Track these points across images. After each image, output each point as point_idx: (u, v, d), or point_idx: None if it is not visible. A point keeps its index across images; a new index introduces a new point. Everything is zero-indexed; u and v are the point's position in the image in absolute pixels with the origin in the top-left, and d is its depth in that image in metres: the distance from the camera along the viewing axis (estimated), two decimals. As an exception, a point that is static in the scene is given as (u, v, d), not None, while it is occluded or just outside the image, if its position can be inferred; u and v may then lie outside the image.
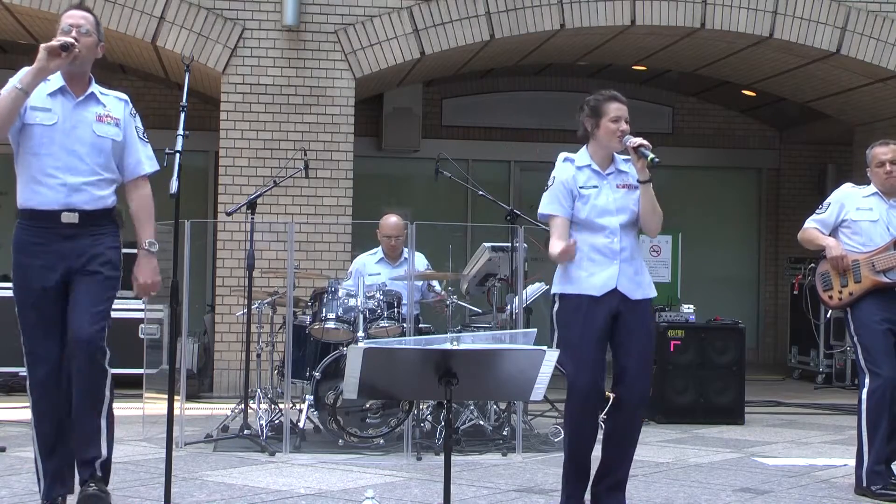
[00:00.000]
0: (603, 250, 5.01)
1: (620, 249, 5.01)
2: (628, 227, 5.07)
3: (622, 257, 5.01)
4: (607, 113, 5.03)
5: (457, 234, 12.51)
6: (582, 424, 5.01)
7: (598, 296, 4.98)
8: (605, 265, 5.00)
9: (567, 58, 12.54)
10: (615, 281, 4.98)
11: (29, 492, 5.67)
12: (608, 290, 4.98)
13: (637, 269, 5.07)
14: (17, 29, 11.03)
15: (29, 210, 4.80)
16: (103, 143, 4.87)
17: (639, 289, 5.04)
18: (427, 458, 6.95)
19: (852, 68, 11.37)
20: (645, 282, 5.09)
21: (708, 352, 8.92)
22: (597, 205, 5.02)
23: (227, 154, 10.27)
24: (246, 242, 7.98)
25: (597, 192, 5.03)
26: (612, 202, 5.04)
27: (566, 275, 5.07)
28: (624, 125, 5.02)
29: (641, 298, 5.04)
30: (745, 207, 15.34)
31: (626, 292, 5.00)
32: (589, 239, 5.03)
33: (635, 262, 5.06)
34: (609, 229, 5.01)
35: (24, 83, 4.68)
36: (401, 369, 4.03)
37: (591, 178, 5.06)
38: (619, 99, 5.09)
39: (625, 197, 5.06)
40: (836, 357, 12.02)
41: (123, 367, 10.05)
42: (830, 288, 6.22)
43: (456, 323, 7.96)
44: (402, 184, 14.42)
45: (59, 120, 4.80)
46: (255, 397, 7.72)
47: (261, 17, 10.31)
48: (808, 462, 7.14)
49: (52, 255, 4.78)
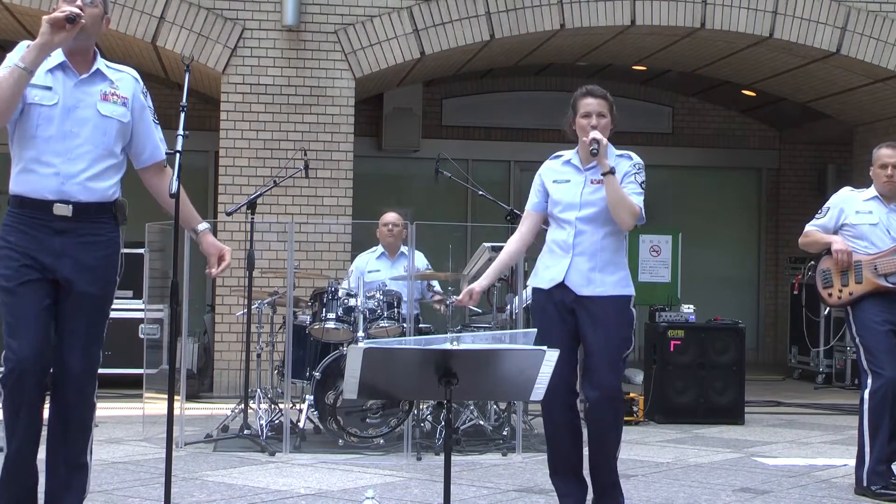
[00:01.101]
0: (560, 244, 5.04)
1: (575, 244, 4.99)
2: (595, 222, 5.00)
3: (576, 251, 4.99)
4: (579, 109, 5.06)
5: (457, 234, 12.52)
6: (548, 418, 5.06)
7: (545, 289, 5.03)
8: (559, 259, 5.03)
9: (567, 58, 12.54)
10: (563, 275, 4.97)
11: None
12: (555, 283, 5.00)
13: (596, 265, 4.98)
14: (17, 29, 11.03)
15: (19, 197, 4.29)
16: (108, 125, 4.36)
17: (589, 285, 4.95)
18: (427, 458, 6.95)
19: (852, 68, 11.37)
20: (603, 279, 4.96)
21: (708, 352, 8.92)
22: (561, 199, 5.06)
23: (227, 154, 10.27)
24: (246, 242, 7.98)
25: (566, 187, 5.06)
26: (578, 196, 5.02)
27: (535, 267, 5.18)
28: (594, 120, 5.00)
29: (592, 295, 4.94)
30: (745, 207, 15.34)
31: (574, 287, 4.96)
32: (552, 233, 5.12)
33: (596, 258, 4.98)
34: (568, 223, 5.01)
35: (26, 61, 4.15)
36: (401, 369, 4.03)
37: (566, 173, 5.11)
38: (593, 93, 5.07)
39: (596, 191, 5.00)
40: (836, 357, 12.03)
41: (123, 367, 10.20)
42: (830, 285, 6.20)
43: (456, 323, 7.97)
44: (402, 184, 14.43)
45: (59, 99, 4.29)
46: (255, 397, 7.72)
47: (261, 17, 10.31)
48: (808, 462, 7.14)
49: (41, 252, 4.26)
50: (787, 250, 14.51)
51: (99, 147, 4.33)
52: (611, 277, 5.00)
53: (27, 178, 4.29)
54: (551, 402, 4.95)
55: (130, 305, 10.08)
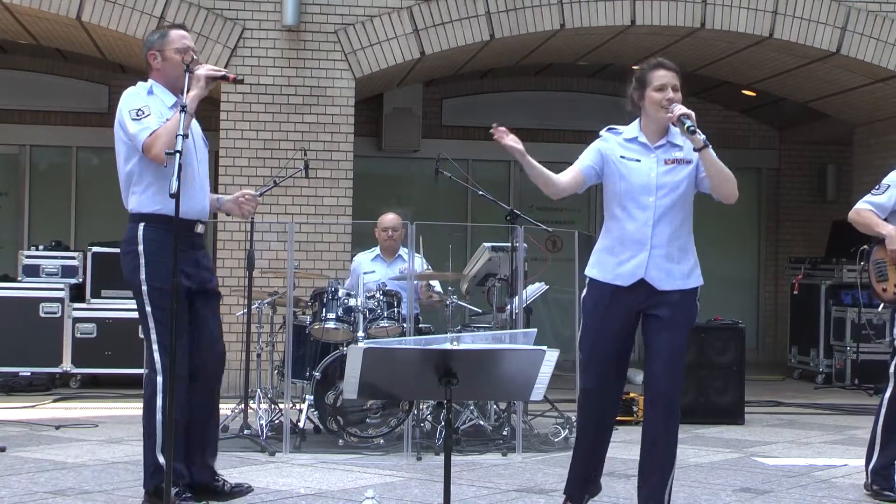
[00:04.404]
0: (635, 234, 4.68)
1: (653, 234, 4.66)
2: (674, 208, 4.69)
3: (654, 242, 4.66)
4: (651, 82, 4.72)
5: (457, 234, 12.52)
6: (584, 424, 4.93)
7: (625, 286, 4.70)
8: (637, 250, 4.67)
9: (567, 58, 12.53)
10: (643, 270, 4.66)
11: (29, 492, 5.67)
12: (636, 279, 4.68)
13: (673, 255, 4.70)
14: (17, 29, 11.03)
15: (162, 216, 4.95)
16: (207, 156, 5.27)
17: (668, 278, 4.68)
18: (427, 458, 6.95)
19: (852, 68, 11.37)
20: (681, 270, 4.72)
21: (708, 352, 8.91)
22: (634, 181, 4.68)
23: (227, 154, 10.27)
24: (246, 242, 7.98)
25: (637, 167, 4.69)
26: (654, 178, 4.68)
27: (598, 259, 4.80)
28: (671, 93, 4.68)
29: (671, 290, 4.70)
30: (745, 207, 15.32)
31: (654, 283, 4.67)
32: (620, 220, 4.72)
33: (673, 246, 4.69)
34: (644, 208, 4.66)
35: (191, 108, 4.89)
36: (401, 369, 4.03)
37: (635, 151, 4.73)
38: (666, 66, 4.77)
39: (672, 173, 4.69)
40: (836, 357, 12.02)
41: (123, 367, 10.20)
42: (885, 279, 5.81)
43: (456, 323, 7.96)
44: (402, 184, 14.42)
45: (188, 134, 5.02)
46: (255, 397, 7.72)
47: (261, 17, 10.31)
48: (808, 462, 7.14)
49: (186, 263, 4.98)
50: (787, 250, 14.51)
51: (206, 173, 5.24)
52: (685, 267, 4.75)
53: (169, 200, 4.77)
54: (586, 407, 4.82)
55: (130, 305, 10.04)
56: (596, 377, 4.83)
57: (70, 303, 10.24)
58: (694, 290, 4.80)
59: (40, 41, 11.72)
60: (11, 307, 10.27)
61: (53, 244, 10.85)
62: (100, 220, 13.29)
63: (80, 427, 7.98)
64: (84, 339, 10.16)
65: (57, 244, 10.90)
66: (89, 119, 13.45)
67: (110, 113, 13.42)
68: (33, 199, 13.56)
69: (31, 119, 13.41)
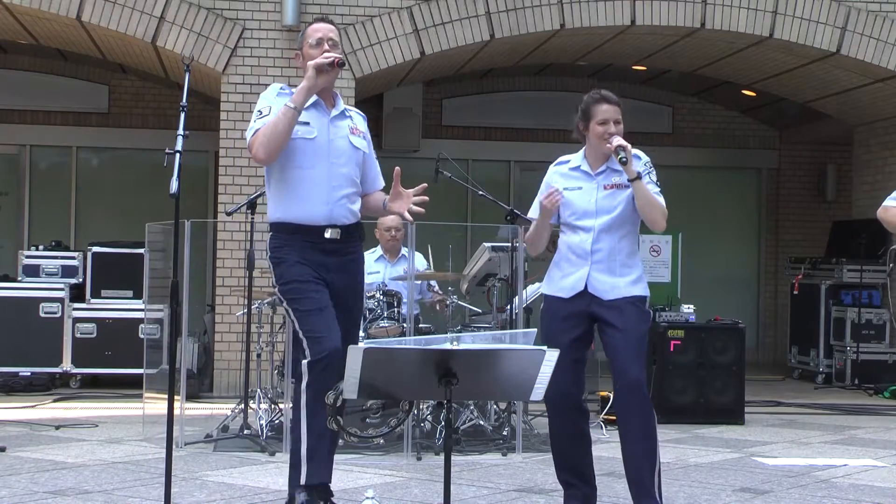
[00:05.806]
0: (577, 251, 5.04)
1: (593, 251, 5.01)
2: (612, 228, 5.02)
3: (594, 258, 5.01)
4: (595, 115, 5.05)
5: (457, 234, 12.52)
6: (553, 430, 5.11)
7: (566, 297, 5.03)
8: (578, 266, 5.03)
9: (567, 58, 12.53)
10: (584, 283, 5.00)
11: (28, 492, 5.67)
12: (576, 292, 5.01)
13: (615, 269, 5.01)
14: (17, 29, 11.03)
15: (293, 224, 4.87)
16: (357, 156, 5.02)
17: (612, 290, 4.99)
18: (427, 458, 6.95)
19: (852, 68, 11.37)
20: (623, 282, 5.00)
21: (708, 352, 8.91)
22: (576, 208, 5.05)
23: (227, 154, 10.27)
24: (246, 242, 7.98)
25: (579, 194, 5.06)
26: (594, 203, 5.03)
27: (548, 274, 5.17)
28: (612, 127, 5.01)
29: (616, 298, 4.98)
30: (745, 207, 15.34)
31: (597, 293, 4.99)
32: (567, 239, 5.10)
33: (615, 261, 5.01)
34: (586, 230, 5.02)
35: (295, 102, 4.73)
36: (401, 369, 4.03)
37: (577, 179, 5.10)
38: (609, 100, 5.07)
39: (610, 197, 5.03)
40: (836, 357, 12.02)
41: (123, 367, 10.21)
42: None
43: (456, 323, 7.96)
44: (403, 184, 14.33)
45: (317, 133, 4.89)
46: (255, 397, 7.72)
47: (261, 17, 10.31)
48: (808, 462, 7.14)
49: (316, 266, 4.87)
50: (787, 250, 14.51)
51: (353, 175, 5.00)
52: (628, 279, 5.03)
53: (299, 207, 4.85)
54: (552, 414, 5.03)
55: (130, 305, 10.09)
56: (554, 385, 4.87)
57: (70, 303, 10.24)
58: (641, 297, 5.07)
59: (40, 41, 11.72)
60: (11, 307, 10.28)
61: (53, 244, 10.85)
62: (100, 220, 13.30)
63: (80, 427, 7.98)
64: (84, 339, 10.17)
65: (57, 244, 10.91)
66: (89, 119, 13.45)
67: (110, 113, 13.55)
68: (33, 199, 13.55)
69: (31, 119, 13.40)
